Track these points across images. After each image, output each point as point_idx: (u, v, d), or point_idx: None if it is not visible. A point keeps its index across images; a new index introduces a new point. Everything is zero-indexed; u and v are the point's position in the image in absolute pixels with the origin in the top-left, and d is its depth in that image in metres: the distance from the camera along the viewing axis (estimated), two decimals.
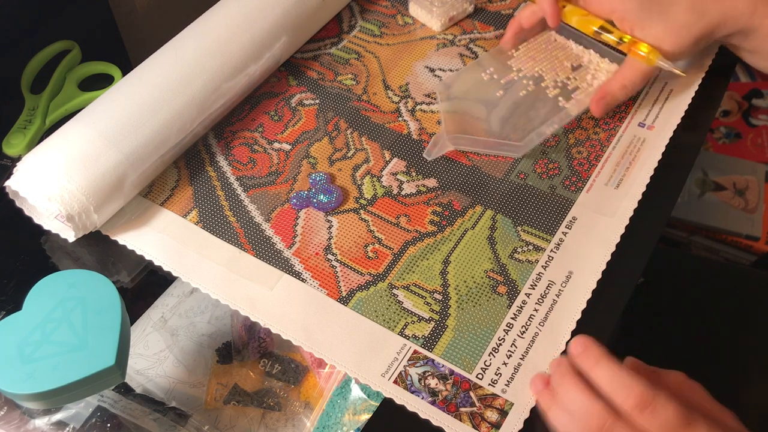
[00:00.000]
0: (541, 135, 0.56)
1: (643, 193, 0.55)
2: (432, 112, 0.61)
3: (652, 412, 0.36)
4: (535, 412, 0.44)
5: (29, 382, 0.39)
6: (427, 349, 0.47)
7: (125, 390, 0.48)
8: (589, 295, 0.49)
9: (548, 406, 0.42)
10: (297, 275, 0.51)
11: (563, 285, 0.50)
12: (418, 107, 0.62)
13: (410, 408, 0.45)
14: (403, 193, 0.56)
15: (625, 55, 0.58)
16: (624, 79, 0.56)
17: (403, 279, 0.51)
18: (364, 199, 0.56)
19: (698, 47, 0.55)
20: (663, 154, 0.57)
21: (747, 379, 0.61)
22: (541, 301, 0.49)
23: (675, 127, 0.59)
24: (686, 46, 0.54)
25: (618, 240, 0.52)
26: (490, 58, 0.61)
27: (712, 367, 0.62)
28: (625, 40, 0.56)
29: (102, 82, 0.64)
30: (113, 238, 0.53)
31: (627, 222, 0.53)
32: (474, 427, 0.44)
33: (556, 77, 0.60)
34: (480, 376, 0.46)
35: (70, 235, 0.52)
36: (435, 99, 0.62)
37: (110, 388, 0.47)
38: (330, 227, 0.54)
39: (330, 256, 0.52)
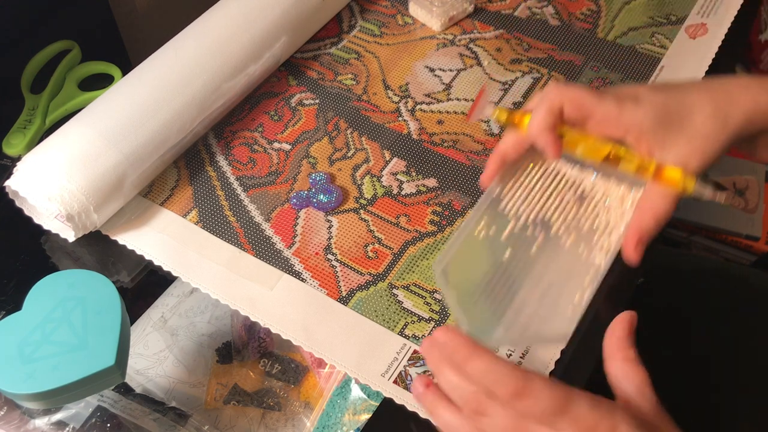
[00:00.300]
0: (577, 309, 0.45)
1: None
2: (432, 112, 0.61)
3: (527, 399, 0.36)
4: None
5: (29, 382, 0.39)
6: None
7: (125, 390, 0.48)
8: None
9: (433, 404, 0.40)
10: (297, 275, 0.51)
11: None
12: (418, 107, 0.62)
13: (410, 408, 0.45)
14: (403, 193, 0.56)
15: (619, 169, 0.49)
16: (656, 211, 0.47)
17: (403, 279, 0.51)
18: (364, 199, 0.56)
19: (723, 154, 0.48)
20: None
21: (747, 380, 0.61)
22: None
23: None
24: (714, 159, 0.46)
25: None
26: (480, 210, 0.49)
27: (712, 367, 0.62)
28: (649, 166, 0.46)
29: (102, 82, 0.64)
30: (113, 238, 0.53)
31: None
32: None
33: (565, 218, 0.49)
34: None
35: (70, 235, 0.52)
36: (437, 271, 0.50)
37: (110, 388, 0.47)
38: (330, 227, 0.54)
39: (330, 256, 0.52)
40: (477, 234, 0.48)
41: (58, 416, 0.46)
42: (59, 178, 0.50)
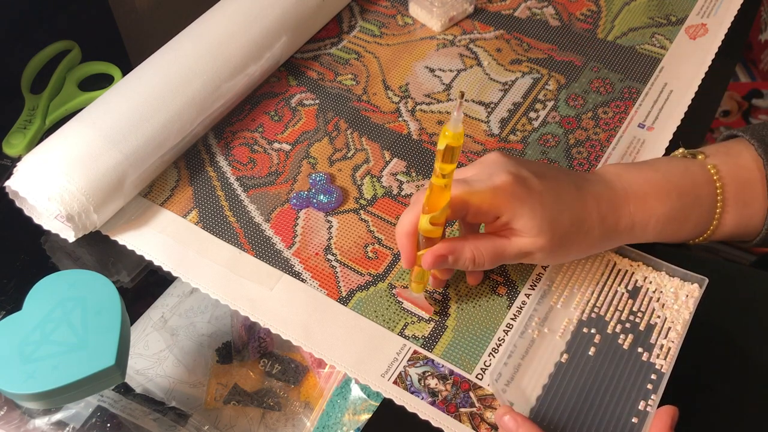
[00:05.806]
0: (643, 418, 0.43)
1: None
2: (432, 112, 0.61)
3: None
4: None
5: (29, 382, 0.39)
6: (427, 350, 0.47)
7: (125, 390, 0.48)
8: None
9: None
10: (297, 275, 0.51)
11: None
12: (418, 107, 0.62)
13: (410, 408, 0.45)
14: (403, 193, 0.56)
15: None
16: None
17: (403, 279, 0.51)
18: (364, 199, 0.56)
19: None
20: (663, 156, 0.57)
21: (747, 380, 0.61)
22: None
23: (675, 128, 0.59)
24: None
25: None
26: (531, 307, 0.49)
27: (711, 367, 0.62)
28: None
29: (102, 82, 0.64)
30: (113, 238, 0.53)
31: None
32: (473, 427, 0.44)
33: (620, 316, 0.48)
34: (480, 376, 0.46)
35: (70, 235, 0.52)
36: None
37: (110, 388, 0.47)
38: (330, 227, 0.54)
39: (330, 257, 0.52)
40: (531, 333, 0.47)
41: (58, 416, 0.46)
42: (59, 178, 0.50)
